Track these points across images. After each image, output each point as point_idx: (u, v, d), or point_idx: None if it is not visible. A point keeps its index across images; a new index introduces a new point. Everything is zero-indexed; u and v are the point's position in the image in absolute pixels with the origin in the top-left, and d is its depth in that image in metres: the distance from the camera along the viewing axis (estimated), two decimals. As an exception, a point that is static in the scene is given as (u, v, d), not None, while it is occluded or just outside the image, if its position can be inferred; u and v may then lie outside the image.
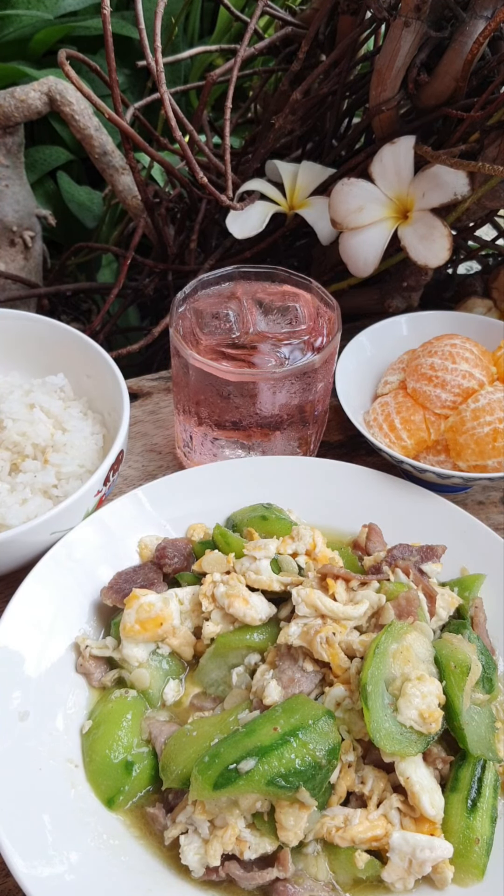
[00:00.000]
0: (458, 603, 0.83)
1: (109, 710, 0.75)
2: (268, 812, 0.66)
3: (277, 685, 0.73)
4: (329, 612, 0.75)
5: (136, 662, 0.78)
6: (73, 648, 0.80)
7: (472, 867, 0.66)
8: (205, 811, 0.66)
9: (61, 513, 0.81)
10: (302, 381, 0.91)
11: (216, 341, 0.94)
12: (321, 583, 0.79)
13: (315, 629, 0.74)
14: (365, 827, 0.66)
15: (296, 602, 0.76)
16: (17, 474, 0.90)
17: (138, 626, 0.78)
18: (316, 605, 0.76)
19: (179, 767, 0.69)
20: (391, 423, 1.00)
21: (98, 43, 1.67)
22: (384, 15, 1.04)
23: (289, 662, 0.75)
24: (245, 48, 1.16)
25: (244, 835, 0.66)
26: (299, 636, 0.75)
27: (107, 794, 0.71)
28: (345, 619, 0.75)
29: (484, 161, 1.01)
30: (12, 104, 1.24)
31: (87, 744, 0.73)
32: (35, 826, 0.66)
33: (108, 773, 0.71)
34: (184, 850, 0.66)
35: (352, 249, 1.09)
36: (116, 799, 0.70)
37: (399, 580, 0.80)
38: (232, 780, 0.63)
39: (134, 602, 0.79)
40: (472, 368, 0.98)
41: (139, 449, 1.11)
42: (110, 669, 0.79)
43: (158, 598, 0.80)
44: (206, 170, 1.23)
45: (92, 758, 0.72)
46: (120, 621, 0.79)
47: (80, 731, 0.74)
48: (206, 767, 0.65)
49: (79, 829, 0.68)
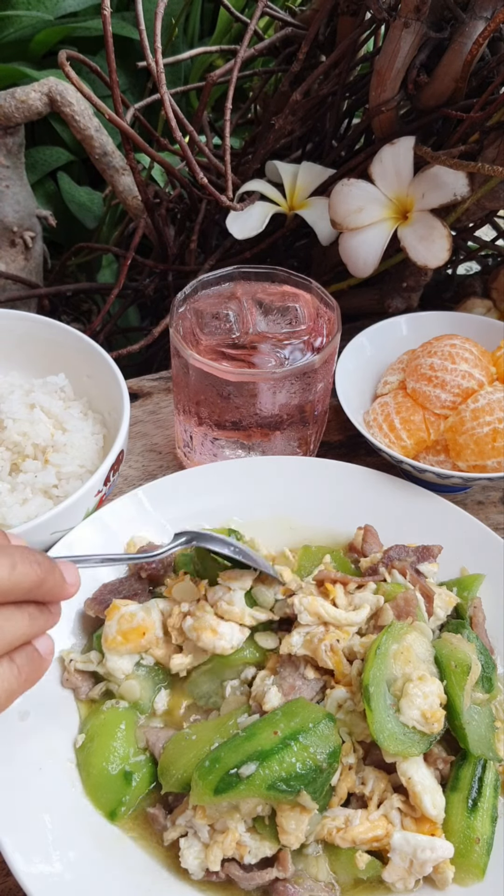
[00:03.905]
0: (455, 602, 0.83)
1: (102, 722, 0.73)
2: (268, 816, 0.66)
3: (278, 692, 0.73)
4: (332, 618, 0.75)
5: (122, 675, 0.76)
6: (59, 662, 0.77)
7: (472, 867, 0.66)
8: (205, 816, 0.66)
9: (62, 513, 0.81)
10: (302, 381, 0.92)
11: (216, 341, 0.95)
12: (319, 589, 0.79)
13: (318, 637, 0.74)
14: (366, 827, 0.66)
15: (298, 611, 0.75)
16: (17, 474, 0.90)
17: (120, 636, 0.76)
18: (319, 613, 0.75)
19: (179, 771, 0.69)
20: (391, 423, 1.00)
21: (98, 44, 1.67)
22: (384, 16, 1.04)
23: (290, 669, 0.75)
24: (245, 49, 1.16)
25: (244, 839, 0.66)
26: (303, 645, 0.74)
27: (108, 806, 0.69)
28: (347, 626, 0.75)
29: (483, 162, 1.01)
30: (13, 105, 1.25)
31: (82, 758, 0.72)
32: (35, 826, 0.66)
33: (106, 785, 0.70)
34: (183, 853, 0.66)
35: (352, 250, 1.09)
36: (118, 811, 0.69)
37: (396, 581, 0.80)
38: (233, 784, 0.63)
39: (115, 613, 0.77)
40: (471, 369, 0.98)
41: (139, 449, 1.11)
42: (96, 683, 0.77)
43: (139, 607, 0.78)
44: (207, 170, 1.23)
45: (89, 772, 0.70)
46: (101, 634, 0.77)
47: (74, 745, 0.73)
48: (207, 772, 0.65)
49: (79, 829, 0.68)
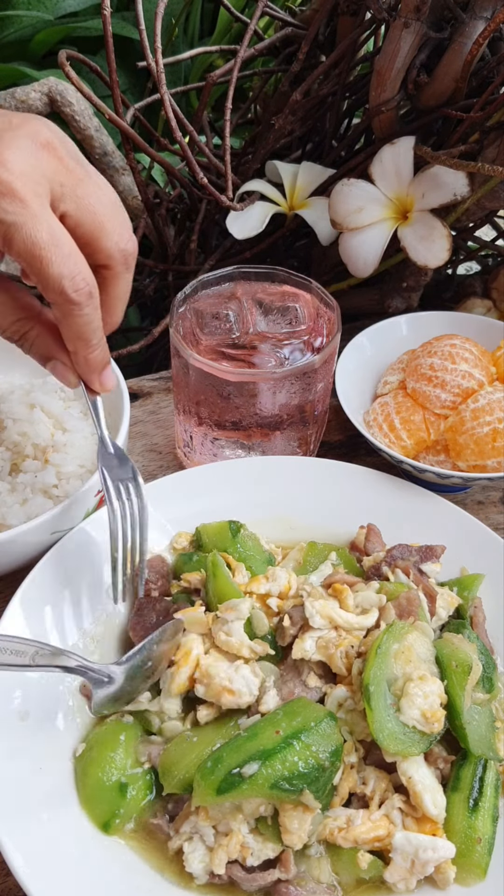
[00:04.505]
0: (457, 603, 0.83)
1: (103, 732, 0.73)
2: (271, 816, 0.66)
3: (276, 695, 0.73)
4: (344, 622, 0.75)
5: (175, 714, 0.74)
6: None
7: (474, 867, 0.66)
8: (208, 817, 0.66)
9: (61, 513, 0.81)
10: (302, 381, 0.92)
11: (216, 341, 0.95)
12: (328, 591, 0.79)
13: (334, 643, 0.73)
14: (367, 827, 0.66)
15: (309, 615, 0.75)
16: (17, 474, 0.90)
17: (189, 681, 0.74)
18: (331, 617, 0.75)
19: (181, 772, 0.68)
20: (391, 423, 1.00)
21: (98, 44, 1.67)
22: (384, 16, 1.04)
23: (292, 674, 0.75)
24: (245, 49, 1.16)
25: (247, 840, 0.65)
26: (317, 651, 0.74)
27: (102, 818, 0.68)
28: (358, 630, 0.75)
29: (483, 162, 1.01)
30: (13, 105, 1.24)
31: (79, 767, 0.71)
32: (35, 826, 0.66)
33: (101, 796, 0.69)
34: (188, 857, 0.66)
35: (352, 250, 1.09)
36: (112, 822, 0.68)
37: (399, 580, 0.80)
38: (235, 784, 0.63)
39: (189, 658, 0.75)
40: (471, 369, 0.98)
41: (139, 449, 1.11)
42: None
43: (195, 641, 0.76)
44: (207, 170, 1.23)
45: (85, 781, 0.70)
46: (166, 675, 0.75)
47: (74, 754, 0.73)
48: (209, 773, 0.65)
49: (79, 829, 0.68)
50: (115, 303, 0.73)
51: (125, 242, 0.69)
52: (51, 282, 0.63)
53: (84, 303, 0.65)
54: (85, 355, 0.71)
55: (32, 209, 0.61)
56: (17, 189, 0.60)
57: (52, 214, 0.63)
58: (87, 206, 0.66)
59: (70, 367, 0.74)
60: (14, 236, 0.61)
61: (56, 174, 0.64)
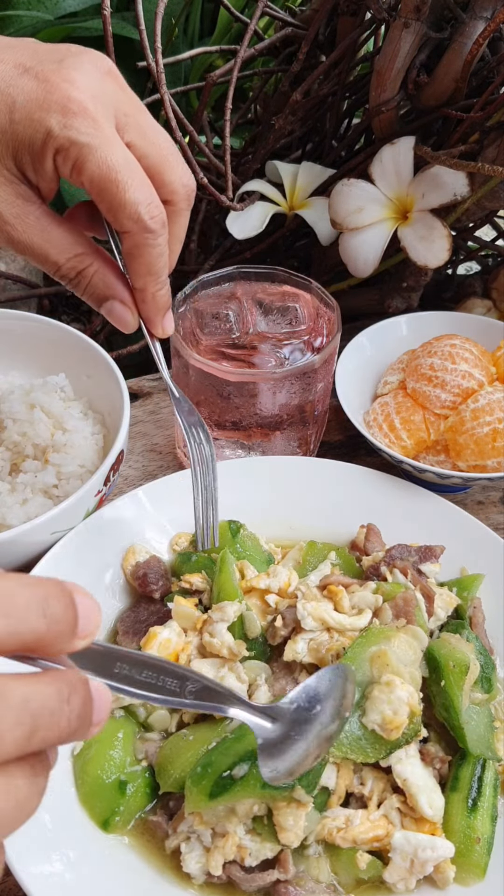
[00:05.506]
0: (456, 603, 0.83)
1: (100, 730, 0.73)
2: (266, 815, 0.66)
3: (268, 692, 0.73)
4: (337, 624, 0.74)
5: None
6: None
7: (473, 866, 0.66)
8: (203, 822, 0.66)
9: (62, 513, 0.81)
10: (302, 381, 0.92)
11: (216, 341, 0.95)
12: (323, 592, 0.79)
13: (325, 646, 0.73)
14: (366, 827, 0.66)
15: (301, 616, 0.75)
16: (17, 474, 0.90)
17: None
18: (324, 619, 0.75)
19: (177, 771, 0.68)
20: (391, 423, 1.00)
21: (98, 44, 1.65)
22: (384, 16, 1.04)
23: (284, 672, 0.75)
24: (245, 49, 1.16)
25: (244, 842, 0.65)
26: (308, 653, 0.74)
27: (101, 815, 0.69)
28: (351, 631, 0.75)
29: (483, 162, 1.01)
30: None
31: (78, 766, 0.71)
32: (35, 825, 0.66)
33: (101, 794, 0.69)
34: (185, 858, 0.66)
35: (352, 250, 1.09)
36: (112, 820, 0.68)
37: (397, 580, 0.80)
38: (227, 787, 0.63)
39: (153, 641, 0.76)
40: (471, 369, 0.98)
41: (139, 449, 1.11)
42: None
43: (173, 631, 0.77)
44: (207, 170, 1.23)
45: (84, 779, 0.70)
46: None
47: (72, 752, 0.72)
48: (200, 778, 0.64)
49: (79, 829, 0.68)
50: (175, 242, 0.69)
51: (188, 178, 0.66)
52: (127, 208, 0.59)
53: (159, 231, 0.62)
54: (154, 292, 0.68)
55: (106, 131, 0.58)
56: (90, 109, 0.57)
57: (121, 140, 0.61)
58: (151, 137, 0.63)
59: (130, 307, 0.69)
60: (88, 158, 0.57)
61: (120, 103, 0.61)
